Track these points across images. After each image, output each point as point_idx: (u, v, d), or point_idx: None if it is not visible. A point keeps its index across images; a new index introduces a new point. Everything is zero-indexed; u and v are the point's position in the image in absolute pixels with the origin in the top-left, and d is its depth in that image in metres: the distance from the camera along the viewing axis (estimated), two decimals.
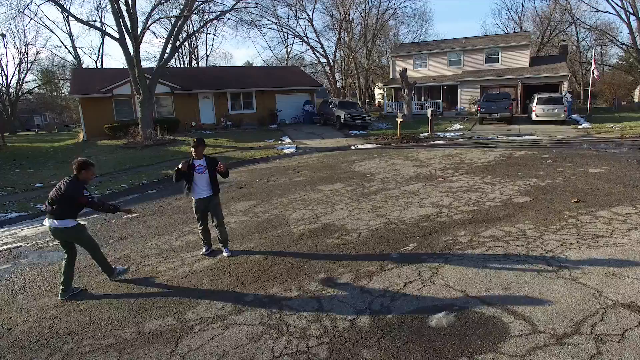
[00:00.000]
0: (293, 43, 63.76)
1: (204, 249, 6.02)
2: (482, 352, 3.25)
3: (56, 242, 7.30)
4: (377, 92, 56.05)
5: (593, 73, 25.51)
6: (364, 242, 5.92)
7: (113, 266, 5.37)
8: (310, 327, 3.78)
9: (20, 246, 7.25)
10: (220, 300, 4.49)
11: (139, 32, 19.38)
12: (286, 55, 47.56)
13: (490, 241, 5.61)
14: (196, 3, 20.46)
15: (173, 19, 21.20)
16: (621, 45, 39.96)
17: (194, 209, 5.91)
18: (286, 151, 17.40)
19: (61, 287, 4.90)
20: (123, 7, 18.17)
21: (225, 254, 5.83)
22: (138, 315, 4.33)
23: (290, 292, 4.52)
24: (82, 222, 5.26)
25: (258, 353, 3.46)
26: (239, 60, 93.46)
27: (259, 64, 50.21)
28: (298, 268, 5.18)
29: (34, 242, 7.42)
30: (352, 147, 17.63)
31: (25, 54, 43.54)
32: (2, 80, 43.89)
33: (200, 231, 5.97)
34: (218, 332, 3.83)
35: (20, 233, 8.15)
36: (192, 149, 5.69)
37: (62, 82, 56.98)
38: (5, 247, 7.22)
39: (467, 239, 5.73)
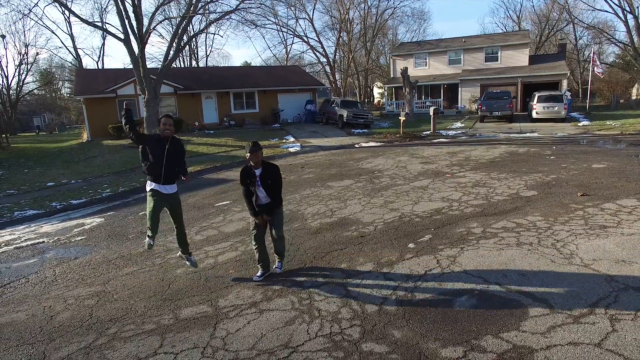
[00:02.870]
0: (293, 43, 64.11)
1: (258, 273, 4.92)
2: (505, 331, 3.49)
3: (78, 238, 7.57)
4: (376, 91, 56.31)
5: (595, 70, 25.76)
6: (381, 234, 6.15)
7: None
8: (341, 311, 4.01)
9: (43, 242, 7.46)
10: (249, 289, 4.71)
11: (144, 32, 19.55)
12: (286, 55, 47.80)
13: (502, 232, 5.85)
14: (200, 3, 20.63)
15: (178, 19, 21.38)
16: (618, 44, 40.36)
17: (253, 220, 4.95)
18: (291, 150, 17.63)
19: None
20: (129, 8, 18.34)
21: (276, 269, 4.98)
22: (172, 303, 4.54)
23: (317, 281, 4.75)
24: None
25: (294, 334, 3.68)
26: (237, 61, 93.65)
27: (258, 64, 50.45)
28: (320, 258, 5.41)
29: (55, 238, 7.63)
30: (357, 146, 17.87)
31: (25, 55, 43.61)
32: (3, 82, 43.94)
33: (255, 249, 4.93)
34: (253, 317, 4.06)
35: (41, 230, 8.35)
36: (248, 154, 4.67)
37: (61, 83, 57.14)
38: (29, 242, 7.43)
39: (480, 230, 5.97)
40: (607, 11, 64.78)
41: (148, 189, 4.87)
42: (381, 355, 3.29)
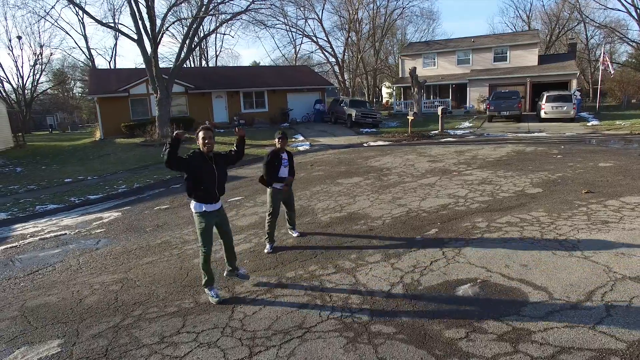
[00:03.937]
0: (302, 43, 64.56)
1: (268, 247, 5.87)
2: (505, 315, 3.71)
3: (97, 230, 7.91)
4: (385, 91, 56.37)
5: (606, 69, 25.65)
6: (389, 227, 6.39)
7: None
8: (351, 297, 4.26)
9: (65, 234, 7.82)
10: (264, 277, 4.98)
11: (157, 33, 19.97)
12: (295, 55, 48.11)
13: (506, 226, 6.05)
14: (211, 4, 20.99)
15: (189, 20, 21.78)
16: (631, 43, 40.02)
17: (271, 198, 5.95)
18: (300, 148, 17.91)
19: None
20: (143, 9, 18.77)
21: (295, 235, 6.34)
22: (192, 289, 4.83)
23: (328, 269, 5.00)
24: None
25: (308, 317, 3.94)
26: (246, 61, 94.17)
27: (267, 64, 50.81)
28: (331, 250, 5.67)
29: (76, 231, 7.99)
30: (365, 145, 18.10)
31: (40, 55, 44.50)
32: (18, 82, 44.89)
33: (269, 224, 5.88)
34: (268, 302, 4.33)
35: (62, 223, 8.73)
36: (278, 140, 5.86)
37: (73, 82, 58.17)
38: (52, 234, 7.80)
39: (484, 225, 6.18)
40: (619, 10, 63.62)
41: (199, 210, 4.38)
42: (389, 336, 3.53)
